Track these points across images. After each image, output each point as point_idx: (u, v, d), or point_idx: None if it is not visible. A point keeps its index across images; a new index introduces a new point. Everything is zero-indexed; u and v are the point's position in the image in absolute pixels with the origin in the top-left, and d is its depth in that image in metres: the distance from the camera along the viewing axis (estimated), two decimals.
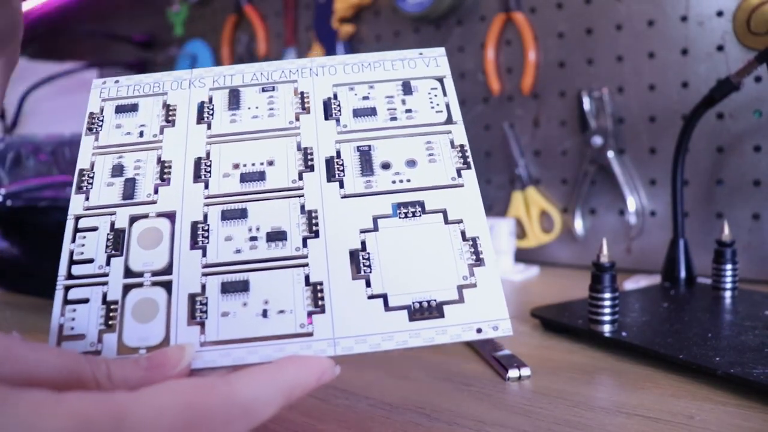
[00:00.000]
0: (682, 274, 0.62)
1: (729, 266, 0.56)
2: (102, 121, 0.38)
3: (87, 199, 0.34)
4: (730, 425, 0.35)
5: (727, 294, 0.56)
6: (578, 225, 0.80)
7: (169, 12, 1.20)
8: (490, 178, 0.88)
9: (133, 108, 0.38)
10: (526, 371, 0.42)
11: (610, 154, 0.77)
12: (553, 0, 0.80)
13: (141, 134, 0.37)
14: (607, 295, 0.47)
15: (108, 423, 0.21)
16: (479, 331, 0.31)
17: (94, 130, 0.37)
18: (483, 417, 0.36)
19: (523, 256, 0.84)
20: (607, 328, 0.47)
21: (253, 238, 0.33)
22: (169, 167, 0.35)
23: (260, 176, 0.35)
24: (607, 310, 0.47)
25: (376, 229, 0.33)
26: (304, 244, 0.33)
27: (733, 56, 0.69)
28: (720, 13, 0.69)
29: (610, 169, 0.77)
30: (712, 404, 0.37)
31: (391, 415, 0.37)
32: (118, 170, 0.35)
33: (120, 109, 0.38)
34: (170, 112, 0.38)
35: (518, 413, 0.37)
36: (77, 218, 0.34)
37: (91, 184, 0.35)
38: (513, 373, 0.42)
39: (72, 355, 0.26)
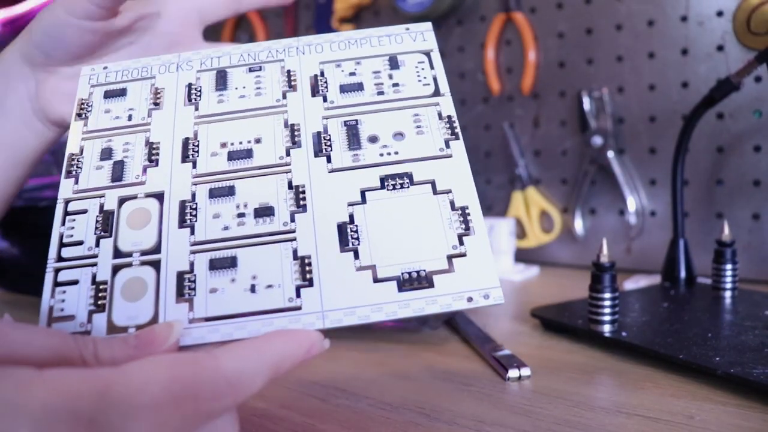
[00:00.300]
0: (682, 274, 0.62)
1: (729, 266, 0.56)
2: (91, 106, 0.38)
3: (76, 182, 0.35)
4: (730, 425, 0.35)
5: (727, 294, 0.56)
6: (578, 225, 0.81)
7: None
8: (490, 178, 0.88)
9: (122, 93, 0.38)
10: (526, 371, 0.42)
11: (610, 154, 0.77)
12: (553, 0, 0.80)
13: (129, 118, 0.37)
14: (607, 295, 0.47)
15: (92, 397, 0.21)
16: (470, 299, 0.30)
17: (83, 115, 0.37)
18: (483, 417, 0.36)
19: (523, 256, 0.84)
20: (607, 328, 0.47)
21: (241, 215, 0.33)
22: (157, 149, 0.36)
23: (247, 154, 0.35)
24: (607, 310, 0.47)
25: (363, 201, 0.33)
26: (292, 219, 0.33)
27: (733, 56, 0.69)
28: (720, 13, 0.69)
29: (610, 169, 0.77)
30: (712, 404, 0.37)
31: (391, 415, 0.37)
32: (107, 153, 0.36)
33: (108, 94, 0.38)
34: (158, 95, 0.38)
35: (518, 413, 0.37)
36: (67, 202, 0.34)
37: (81, 168, 0.35)
38: (513, 373, 0.42)
39: (60, 335, 0.26)
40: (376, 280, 0.31)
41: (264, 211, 0.33)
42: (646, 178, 0.76)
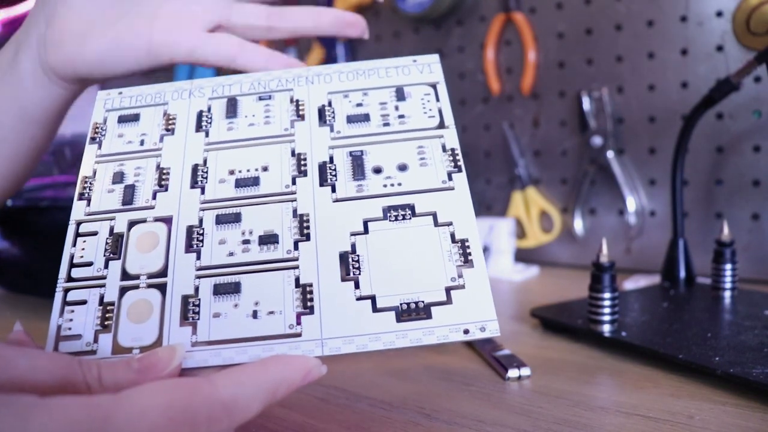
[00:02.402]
0: (682, 274, 0.62)
1: (728, 266, 0.56)
2: (105, 131, 0.39)
3: (88, 205, 0.35)
4: (730, 425, 0.35)
5: (727, 294, 0.56)
6: (578, 225, 0.81)
7: None
8: (490, 178, 0.88)
9: (135, 118, 0.39)
10: (525, 371, 0.42)
11: (610, 154, 0.77)
12: (553, 0, 0.80)
13: (142, 143, 0.38)
14: (607, 295, 0.47)
15: (93, 424, 0.22)
16: (466, 332, 0.31)
17: (97, 139, 0.38)
18: (483, 417, 0.36)
19: (523, 256, 0.84)
20: (606, 328, 0.47)
21: (246, 242, 0.33)
22: (168, 174, 0.36)
23: (254, 181, 0.36)
24: (606, 310, 0.47)
25: (366, 231, 0.34)
26: (295, 247, 0.33)
27: (732, 56, 0.69)
28: (719, 14, 0.69)
29: (609, 169, 0.77)
30: (711, 404, 0.37)
31: (391, 415, 0.37)
32: (118, 177, 0.36)
33: (122, 119, 0.39)
34: (170, 121, 0.39)
35: (518, 413, 0.37)
36: (78, 223, 0.35)
37: (92, 191, 0.36)
38: (513, 372, 0.42)
39: (64, 360, 0.26)
40: (375, 310, 0.31)
41: (268, 239, 0.33)
42: (645, 178, 0.76)
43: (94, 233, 0.34)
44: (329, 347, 0.30)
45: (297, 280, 0.32)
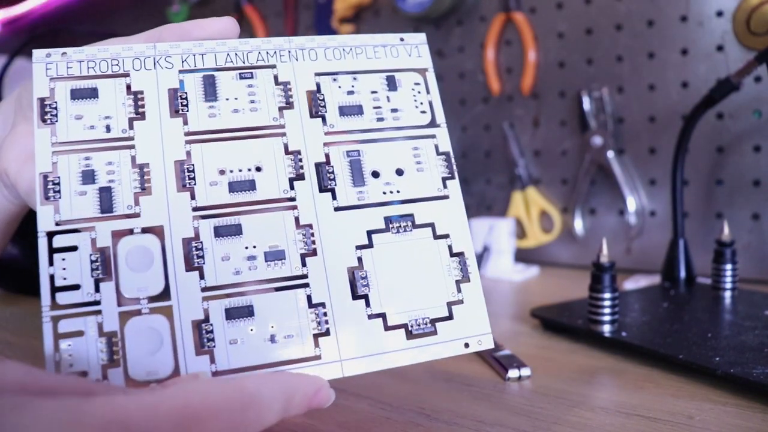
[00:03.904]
0: (682, 274, 0.62)
1: (729, 266, 0.56)
2: (56, 108, 0.32)
3: (57, 211, 0.30)
4: (730, 425, 0.35)
5: (727, 294, 0.56)
6: (578, 225, 0.81)
7: (169, 12, 1.20)
8: (490, 178, 0.88)
9: (93, 93, 0.32)
10: (526, 371, 0.42)
11: (610, 154, 0.77)
12: (553, 0, 0.80)
13: (108, 128, 0.32)
14: (607, 295, 0.47)
15: (141, 414, 0.21)
16: (467, 345, 0.33)
17: (49, 120, 0.31)
18: (483, 417, 0.36)
19: (523, 256, 0.84)
20: (606, 328, 0.47)
21: (252, 257, 0.32)
22: (148, 172, 0.32)
23: (250, 185, 0.33)
24: (606, 310, 0.47)
25: (371, 245, 0.33)
26: (303, 263, 0.32)
27: (732, 56, 0.69)
28: (720, 14, 0.69)
29: (610, 169, 0.77)
30: (711, 404, 0.37)
31: (391, 415, 0.37)
32: (89, 176, 0.31)
33: (76, 94, 0.32)
34: (139, 102, 0.33)
35: (518, 413, 0.37)
36: (50, 235, 0.29)
37: (59, 192, 0.30)
38: (513, 373, 0.42)
39: (94, 386, 0.25)
40: (387, 328, 0.32)
41: (275, 255, 0.32)
42: (645, 178, 0.76)
43: (73, 248, 0.29)
44: (348, 368, 0.31)
45: (309, 299, 0.31)
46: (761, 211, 0.69)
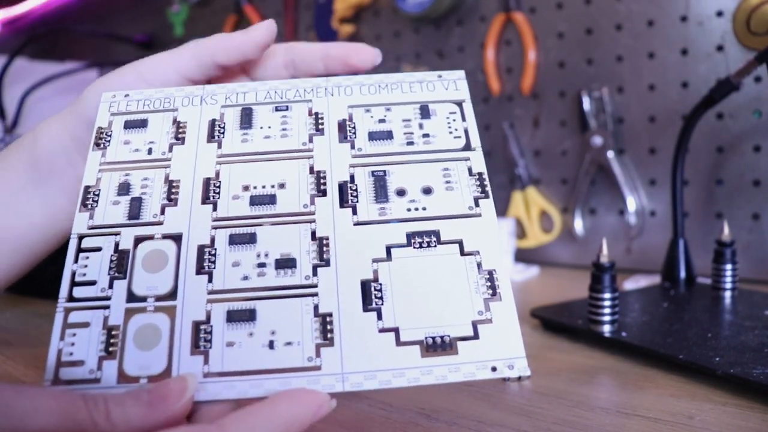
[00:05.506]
0: (682, 274, 0.62)
1: (729, 266, 0.56)
2: (110, 136, 0.36)
3: (91, 217, 0.33)
4: (730, 425, 0.35)
5: (727, 294, 0.56)
6: (578, 225, 0.81)
7: (169, 12, 1.20)
8: (490, 178, 0.87)
9: (143, 124, 0.37)
10: (526, 371, 0.42)
11: (610, 154, 0.77)
12: (553, 0, 0.80)
13: (150, 151, 0.36)
14: (607, 295, 0.47)
15: None
16: (494, 369, 0.30)
17: (102, 145, 0.36)
18: (483, 417, 0.36)
19: (523, 256, 0.84)
20: (606, 328, 0.47)
21: (262, 265, 0.31)
22: (177, 187, 0.34)
23: (271, 199, 0.33)
24: (606, 310, 0.47)
25: (389, 258, 0.32)
26: (314, 273, 0.31)
27: (732, 56, 0.69)
28: (720, 14, 0.69)
29: (610, 169, 0.77)
30: (711, 404, 0.37)
31: (391, 415, 0.37)
32: (124, 188, 0.34)
33: (129, 125, 0.37)
34: (180, 130, 0.36)
35: (518, 413, 0.37)
36: (81, 237, 0.32)
37: (96, 202, 0.33)
38: (513, 373, 0.42)
39: (67, 397, 0.25)
40: (399, 344, 0.30)
41: (286, 263, 0.32)
42: (646, 178, 0.76)
43: (98, 249, 0.32)
44: (350, 383, 0.29)
45: (316, 308, 0.30)
46: (761, 211, 0.69)
